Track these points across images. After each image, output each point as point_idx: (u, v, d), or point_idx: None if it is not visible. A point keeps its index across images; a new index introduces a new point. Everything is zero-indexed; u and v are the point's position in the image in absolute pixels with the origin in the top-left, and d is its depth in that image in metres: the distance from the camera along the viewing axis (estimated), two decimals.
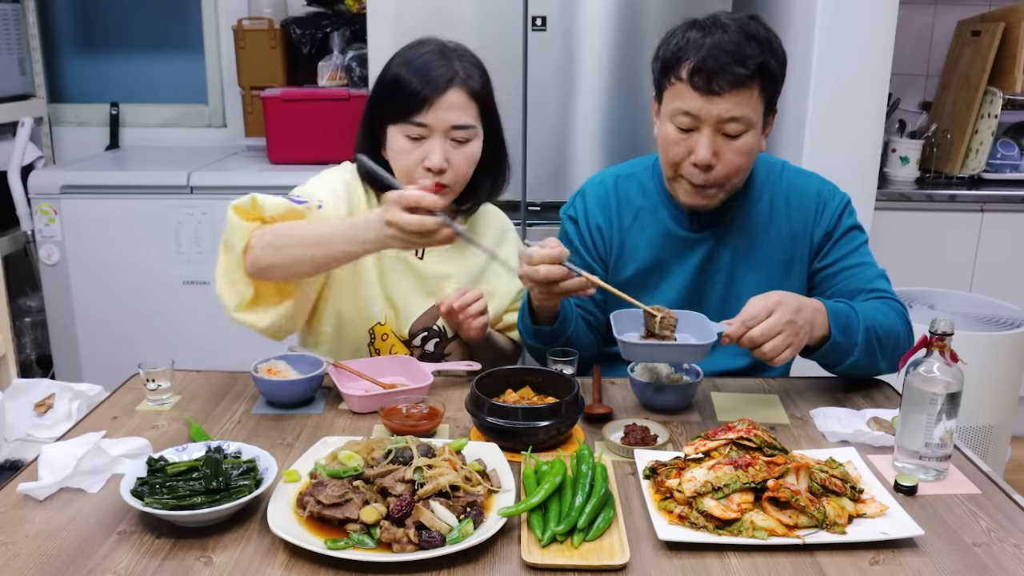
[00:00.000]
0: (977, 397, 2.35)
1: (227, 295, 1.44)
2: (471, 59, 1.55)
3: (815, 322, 1.38)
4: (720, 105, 1.40)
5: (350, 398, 1.42)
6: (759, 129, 1.46)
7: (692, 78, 1.41)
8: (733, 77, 1.38)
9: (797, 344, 1.33)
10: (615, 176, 1.67)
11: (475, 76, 1.53)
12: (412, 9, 2.50)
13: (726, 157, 1.45)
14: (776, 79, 1.44)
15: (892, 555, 1.04)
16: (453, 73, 1.50)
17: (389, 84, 1.52)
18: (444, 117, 1.49)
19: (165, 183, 2.77)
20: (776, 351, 1.31)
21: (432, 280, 1.65)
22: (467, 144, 1.53)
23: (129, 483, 1.10)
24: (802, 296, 1.39)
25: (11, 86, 3.18)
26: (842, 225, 1.58)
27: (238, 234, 1.42)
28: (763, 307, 1.31)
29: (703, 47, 1.39)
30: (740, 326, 1.31)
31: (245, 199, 1.42)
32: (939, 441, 1.20)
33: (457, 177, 1.54)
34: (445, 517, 1.03)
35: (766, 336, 1.30)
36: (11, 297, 3.02)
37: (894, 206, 2.98)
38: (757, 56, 1.39)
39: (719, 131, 1.43)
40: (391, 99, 1.52)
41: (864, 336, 1.43)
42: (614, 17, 2.52)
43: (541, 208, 2.65)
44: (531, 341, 1.58)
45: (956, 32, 3.33)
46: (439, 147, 1.50)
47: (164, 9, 3.45)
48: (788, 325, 1.31)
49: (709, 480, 1.09)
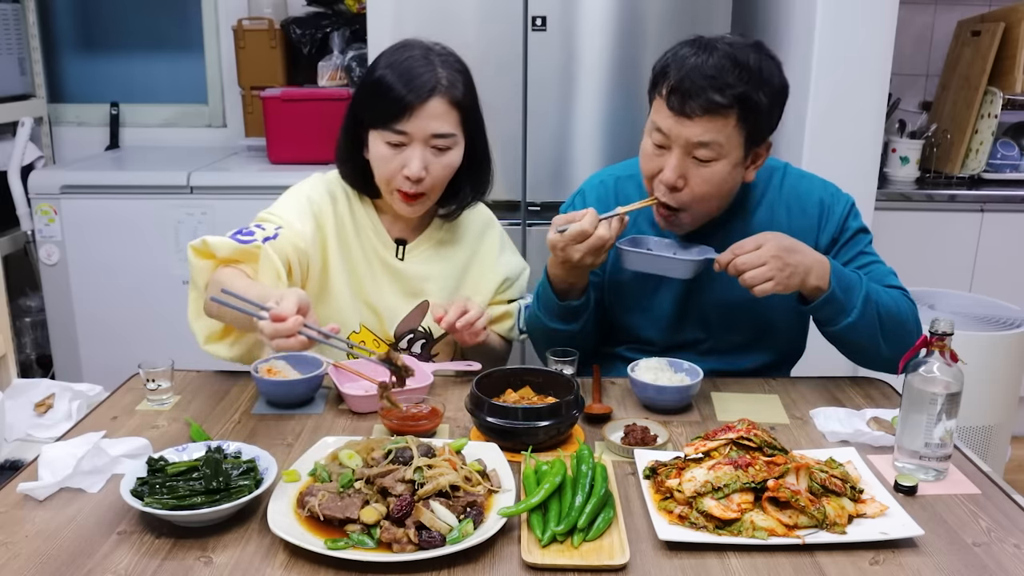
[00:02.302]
0: (977, 397, 2.35)
1: (197, 328, 1.55)
2: (455, 65, 1.54)
3: (811, 270, 1.40)
4: (691, 129, 1.38)
5: (350, 398, 1.42)
6: (735, 159, 1.42)
7: (669, 97, 1.39)
8: (707, 103, 1.36)
9: (780, 280, 1.37)
10: (615, 177, 1.66)
11: (458, 83, 1.52)
12: (412, 9, 2.51)
13: (693, 182, 1.43)
14: (760, 111, 1.39)
15: (892, 555, 1.04)
16: (436, 81, 1.49)
17: (372, 87, 1.52)
18: (425, 126, 1.49)
19: (165, 183, 2.77)
20: (756, 280, 1.37)
21: (413, 281, 1.65)
22: (447, 152, 1.53)
23: (129, 483, 1.10)
24: (802, 243, 1.42)
25: (11, 86, 3.18)
26: (848, 229, 1.57)
27: (198, 274, 1.49)
28: (753, 240, 1.39)
29: (684, 67, 1.38)
30: (729, 253, 1.40)
31: (198, 240, 1.48)
32: (939, 441, 1.20)
33: (435, 184, 1.55)
34: (445, 517, 1.03)
35: (749, 264, 1.37)
36: (11, 297, 3.01)
37: (894, 206, 2.98)
38: (738, 85, 1.35)
39: (689, 154, 1.41)
40: (373, 103, 1.52)
41: (864, 301, 1.44)
42: (614, 17, 2.52)
43: (541, 208, 2.65)
44: (555, 323, 1.57)
45: (956, 32, 3.33)
46: (418, 155, 1.50)
47: (164, 9, 3.45)
48: (773, 259, 1.37)
49: (709, 480, 1.09)
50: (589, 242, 1.40)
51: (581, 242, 1.41)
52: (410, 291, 1.65)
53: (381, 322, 1.64)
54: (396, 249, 1.64)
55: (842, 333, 1.47)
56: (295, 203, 1.58)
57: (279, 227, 1.51)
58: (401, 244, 1.65)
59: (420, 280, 1.65)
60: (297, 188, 1.63)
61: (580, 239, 1.40)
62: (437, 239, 1.67)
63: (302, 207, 1.57)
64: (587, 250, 1.41)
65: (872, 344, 1.48)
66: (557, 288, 1.54)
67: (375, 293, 1.63)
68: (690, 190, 1.44)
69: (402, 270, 1.64)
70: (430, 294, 1.65)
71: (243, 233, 1.49)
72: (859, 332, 1.46)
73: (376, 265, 1.63)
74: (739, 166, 1.44)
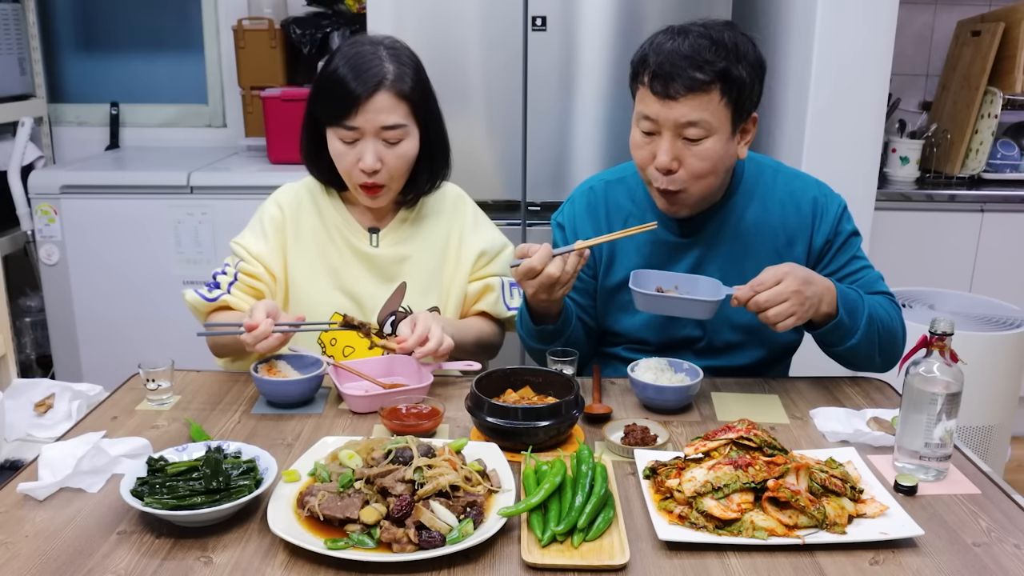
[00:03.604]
0: (977, 397, 2.35)
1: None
2: (403, 58, 1.58)
3: (823, 298, 1.41)
4: (677, 110, 1.40)
5: (350, 398, 1.42)
6: (725, 135, 1.43)
7: (652, 83, 1.41)
8: (690, 81, 1.38)
9: (801, 314, 1.37)
10: (604, 182, 1.67)
11: (406, 76, 1.55)
12: (412, 9, 2.51)
13: (688, 162, 1.44)
14: (741, 84, 1.41)
15: (892, 555, 1.04)
16: (382, 75, 1.53)
17: (322, 83, 1.57)
18: (374, 119, 1.53)
19: (165, 183, 2.77)
20: (779, 317, 1.36)
21: (389, 265, 1.68)
22: (400, 144, 1.57)
23: (129, 483, 1.10)
24: (813, 272, 1.42)
25: (11, 86, 3.18)
26: (842, 231, 1.58)
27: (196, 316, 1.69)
28: (772, 275, 1.37)
29: (662, 52, 1.40)
30: (749, 290, 1.37)
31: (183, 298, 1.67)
32: (939, 441, 1.20)
33: (392, 175, 1.59)
34: (445, 517, 1.03)
35: (771, 301, 1.36)
36: (11, 297, 3.02)
37: (894, 206, 2.98)
38: (717, 62, 1.38)
39: (679, 135, 1.43)
40: (324, 99, 1.57)
41: (867, 322, 1.46)
42: (614, 17, 2.52)
43: (541, 208, 2.65)
44: (533, 343, 1.58)
45: (956, 32, 3.33)
46: (371, 149, 1.55)
47: (164, 9, 3.45)
48: (795, 294, 1.36)
49: (709, 480, 1.09)
50: (539, 280, 1.39)
51: (532, 278, 1.39)
52: (387, 276, 1.68)
53: (364, 310, 1.67)
54: (370, 238, 1.68)
55: (844, 352, 1.50)
56: (255, 226, 1.70)
57: (239, 262, 1.67)
58: (374, 232, 1.68)
59: (396, 263, 1.68)
60: (260, 209, 1.72)
61: (531, 275, 1.39)
62: (409, 221, 1.70)
63: (258, 229, 1.69)
64: (538, 287, 1.40)
65: (868, 356, 1.52)
66: (533, 312, 1.53)
67: (354, 283, 1.66)
68: (685, 170, 1.45)
69: (377, 256, 1.67)
70: (407, 275, 1.68)
71: (212, 287, 1.65)
72: (860, 350, 1.49)
73: (351, 256, 1.66)
74: (730, 141, 1.46)
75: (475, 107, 2.57)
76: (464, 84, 2.55)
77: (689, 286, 1.47)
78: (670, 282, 1.48)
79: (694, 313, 1.42)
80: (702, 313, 1.41)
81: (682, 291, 1.45)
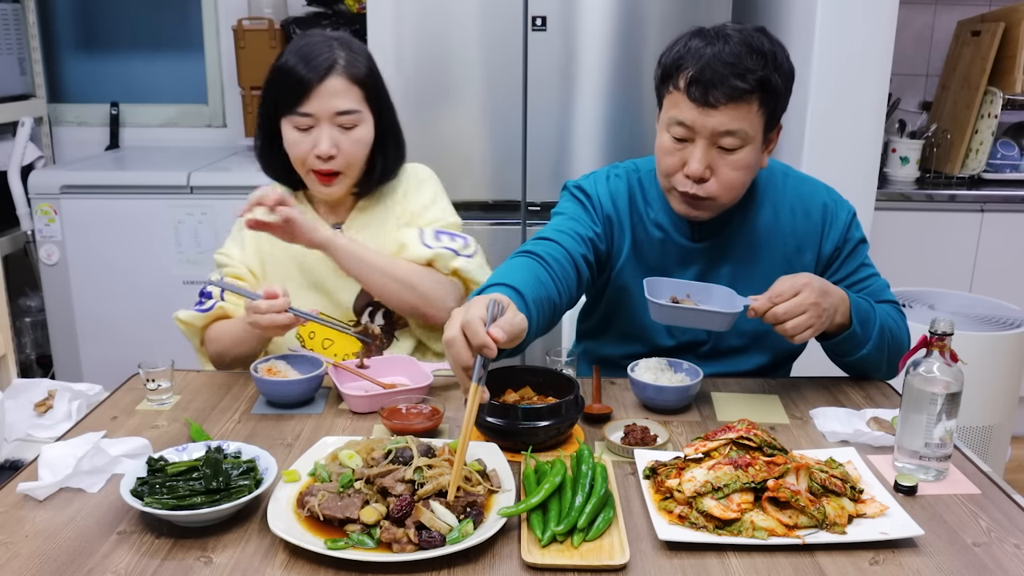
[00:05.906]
0: (977, 397, 2.35)
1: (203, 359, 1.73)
2: (354, 47, 1.60)
3: (838, 309, 1.41)
4: (716, 118, 1.37)
5: (350, 398, 1.42)
6: (758, 144, 1.42)
7: (689, 88, 1.38)
8: (731, 90, 1.35)
9: (819, 326, 1.37)
10: (643, 171, 1.60)
11: (358, 62, 1.58)
12: (412, 9, 2.51)
13: (721, 171, 1.42)
14: (778, 94, 1.40)
15: (892, 555, 1.04)
16: (333, 60, 1.55)
17: (275, 74, 1.59)
18: (328, 104, 1.55)
19: (165, 183, 2.77)
20: (797, 329, 1.35)
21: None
22: (355, 129, 1.59)
23: (129, 483, 1.10)
24: (828, 282, 1.41)
25: (11, 86, 3.18)
26: (851, 238, 1.57)
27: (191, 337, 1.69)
28: (790, 286, 1.35)
29: (702, 57, 1.36)
30: (767, 301, 1.35)
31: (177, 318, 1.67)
32: (939, 441, 1.20)
33: (349, 162, 1.60)
34: (445, 517, 1.03)
35: (790, 314, 1.34)
36: (11, 297, 3.02)
37: (894, 206, 2.98)
38: (758, 70, 1.36)
39: (714, 144, 1.40)
40: (277, 89, 1.58)
41: (878, 333, 1.47)
42: (614, 17, 2.52)
43: (541, 208, 2.65)
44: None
45: (956, 32, 3.33)
46: (327, 134, 1.56)
47: (164, 9, 3.46)
48: (812, 306, 1.35)
49: (709, 480, 1.09)
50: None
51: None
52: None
53: (339, 304, 1.68)
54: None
55: (854, 362, 1.51)
56: (234, 234, 1.75)
57: (223, 269, 1.70)
58: (337, 227, 1.69)
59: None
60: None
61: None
62: (368, 210, 1.71)
63: (237, 237, 1.74)
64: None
65: (876, 365, 1.52)
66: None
67: (324, 278, 1.68)
68: (716, 180, 1.43)
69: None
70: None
71: (204, 299, 1.66)
72: (869, 360, 1.49)
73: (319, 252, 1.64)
74: (760, 150, 1.45)
75: (475, 107, 2.57)
76: (464, 84, 2.56)
77: (702, 294, 1.44)
78: (682, 291, 1.45)
79: (712, 325, 1.40)
80: (720, 325, 1.38)
81: (695, 299, 1.44)
